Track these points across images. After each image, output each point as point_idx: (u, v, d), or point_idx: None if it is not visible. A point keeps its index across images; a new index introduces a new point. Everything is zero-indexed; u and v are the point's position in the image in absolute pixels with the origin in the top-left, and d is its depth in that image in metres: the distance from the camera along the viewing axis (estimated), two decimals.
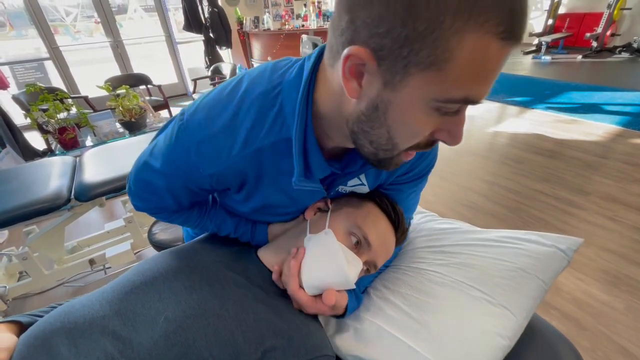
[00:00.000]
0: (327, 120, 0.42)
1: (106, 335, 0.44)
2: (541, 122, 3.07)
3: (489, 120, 3.25)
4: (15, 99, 2.59)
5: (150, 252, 1.73)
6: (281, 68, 0.44)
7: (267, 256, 0.60)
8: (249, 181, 0.49)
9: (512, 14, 0.28)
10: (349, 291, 0.57)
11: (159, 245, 1.16)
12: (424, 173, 0.59)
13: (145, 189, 0.53)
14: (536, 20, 6.18)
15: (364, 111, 0.36)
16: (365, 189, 0.59)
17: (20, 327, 0.50)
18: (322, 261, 0.52)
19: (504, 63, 0.31)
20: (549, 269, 0.62)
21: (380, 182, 0.59)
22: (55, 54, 3.95)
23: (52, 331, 0.44)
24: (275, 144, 0.44)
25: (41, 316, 0.52)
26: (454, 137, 0.36)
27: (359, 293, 0.62)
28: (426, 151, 0.50)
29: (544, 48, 5.45)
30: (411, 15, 0.28)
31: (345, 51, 0.32)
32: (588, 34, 5.22)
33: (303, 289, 0.52)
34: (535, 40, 5.73)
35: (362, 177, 0.56)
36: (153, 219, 1.38)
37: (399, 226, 0.59)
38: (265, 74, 0.44)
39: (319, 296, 0.52)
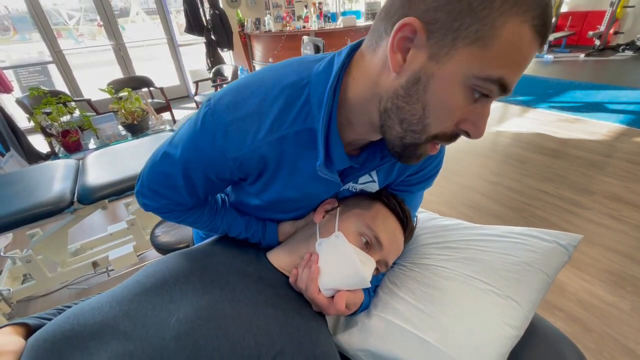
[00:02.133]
0: (355, 106, 0.44)
1: (117, 336, 0.43)
2: (544, 121, 3.06)
3: (491, 119, 3.23)
4: (19, 102, 2.61)
5: (153, 254, 1.73)
6: (308, 62, 0.46)
7: (278, 259, 0.60)
8: (268, 170, 0.49)
9: (545, 12, 0.32)
10: (364, 289, 0.58)
11: (161, 248, 1.16)
12: (432, 174, 0.61)
13: (162, 181, 0.53)
14: None
15: (403, 84, 0.38)
16: (375, 186, 0.59)
17: (27, 330, 0.49)
18: (336, 264, 0.53)
19: (532, 58, 0.35)
20: (552, 263, 0.63)
21: (390, 180, 0.59)
22: (59, 58, 3.98)
23: (62, 333, 0.44)
24: (299, 134, 0.45)
25: (49, 319, 0.51)
26: (477, 128, 0.38)
27: (371, 291, 0.63)
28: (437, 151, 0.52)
29: (546, 47, 5.43)
30: None
31: (401, 21, 0.35)
32: (591, 33, 5.19)
33: (321, 292, 0.53)
34: None
35: (374, 173, 0.56)
36: (155, 221, 1.38)
37: (407, 224, 0.61)
38: (292, 66, 0.46)
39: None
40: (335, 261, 0.53)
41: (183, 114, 4.19)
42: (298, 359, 0.45)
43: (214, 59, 4.35)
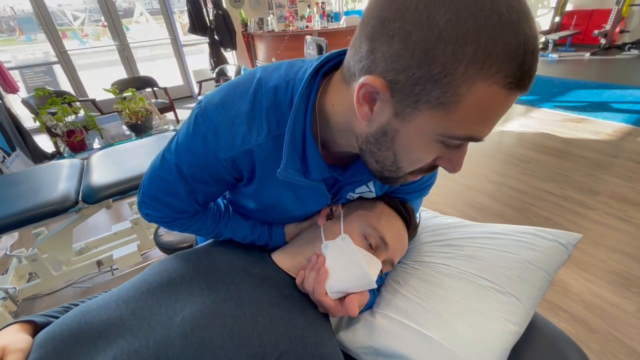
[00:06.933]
0: (338, 130, 0.44)
1: (123, 334, 0.44)
2: (549, 121, 3.04)
3: None
4: (25, 102, 2.63)
5: (157, 253, 1.74)
6: (297, 65, 0.46)
7: (283, 260, 0.60)
8: (258, 170, 0.49)
9: (522, 67, 0.29)
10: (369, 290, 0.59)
11: (165, 247, 1.17)
12: (427, 185, 0.61)
13: (162, 188, 0.53)
14: (543, 17, 6.11)
15: (373, 134, 0.38)
16: (372, 196, 0.60)
17: (35, 327, 0.50)
18: (343, 266, 0.53)
19: (509, 108, 0.33)
20: (552, 261, 0.63)
21: (385, 189, 0.60)
22: (64, 58, 4.01)
23: (69, 332, 0.44)
24: (280, 137, 0.45)
25: (55, 317, 0.52)
26: (454, 166, 0.39)
27: (376, 290, 0.63)
28: None
29: (551, 46, 5.39)
30: (427, 59, 0.29)
31: (362, 79, 0.34)
32: (596, 31, 5.14)
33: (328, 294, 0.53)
34: (542, 38, 5.66)
35: (370, 184, 0.57)
36: None
37: (411, 222, 0.62)
38: (281, 69, 0.46)
39: (341, 299, 0.53)
40: (342, 264, 0.53)
41: (186, 114, 4.20)
42: (302, 358, 0.45)
43: (218, 59, 4.36)
